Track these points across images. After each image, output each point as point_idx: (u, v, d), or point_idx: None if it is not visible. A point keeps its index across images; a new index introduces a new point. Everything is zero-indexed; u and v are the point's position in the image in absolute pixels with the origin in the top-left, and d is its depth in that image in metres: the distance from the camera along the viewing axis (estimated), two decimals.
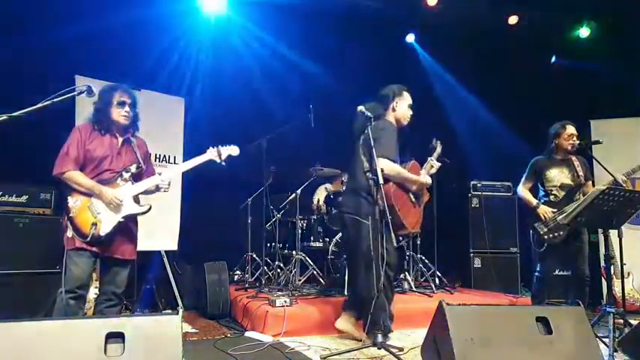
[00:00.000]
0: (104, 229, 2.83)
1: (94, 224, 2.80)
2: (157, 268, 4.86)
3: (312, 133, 5.11)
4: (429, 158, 3.67)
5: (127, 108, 2.98)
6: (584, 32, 6.51)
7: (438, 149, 3.74)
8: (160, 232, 4.72)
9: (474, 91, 6.74)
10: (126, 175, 2.96)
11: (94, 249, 2.84)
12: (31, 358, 1.91)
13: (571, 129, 4.10)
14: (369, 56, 6.30)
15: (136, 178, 3.03)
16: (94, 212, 2.84)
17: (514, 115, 6.47)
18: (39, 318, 3.37)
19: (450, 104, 6.78)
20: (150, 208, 2.99)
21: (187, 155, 4.94)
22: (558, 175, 4.10)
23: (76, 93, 2.65)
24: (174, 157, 5.02)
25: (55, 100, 2.48)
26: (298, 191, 5.21)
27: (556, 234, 3.94)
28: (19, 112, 2.31)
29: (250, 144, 5.02)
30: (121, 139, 3.03)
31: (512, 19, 6.48)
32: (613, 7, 5.95)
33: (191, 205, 5.18)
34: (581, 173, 4.08)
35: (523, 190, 4.24)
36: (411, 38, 6.72)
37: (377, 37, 6.30)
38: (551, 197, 4.10)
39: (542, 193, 4.17)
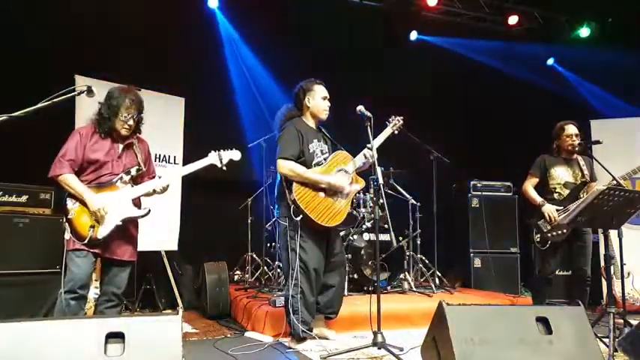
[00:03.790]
0: (102, 232, 2.82)
1: (92, 227, 2.80)
2: (157, 268, 4.86)
3: None
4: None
5: (130, 122, 2.94)
6: (584, 32, 6.52)
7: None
8: (160, 232, 4.71)
9: (473, 91, 6.74)
10: (126, 178, 2.94)
11: (93, 250, 2.84)
12: (31, 358, 1.91)
13: (571, 129, 4.10)
14: (372, 54, 6.30)
15: (137, 180, 3.02)
16: (93, 215, 2.83)
17: (514, 115, 6.48)
18: (39, 318, 3.37)
19: (449, 103, 6.78)
20: (149, 212, 2.97)
21: (187, 155, 4.95)
22: (563, 174, 4.10)
23: (76, 93, 2.65)
24: (174, 157, 5.01)
25: (55, 100, 2.48)
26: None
27: (559, 232, 3.92)
28: (19, 112, 2.31)
29: (250, 144, 5.03)
30: (122, 145, 3.01)
31: (512, 19, 6.48)
32: (613, 7, 5.96)
33: (191, 205, 5.18)
34: (586, 172, 4.06)
35: (528, 187, 4.19)
36: (412, 36, 6.73)
37: (379, 35, 6.31)
38: (555, 195, 4.09)
39: (545, 190, 4.14)
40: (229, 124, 5.76)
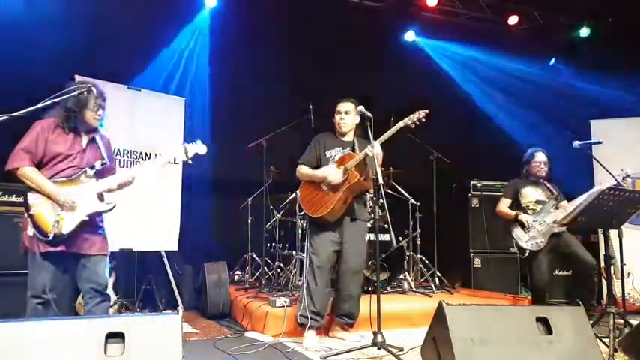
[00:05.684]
0: (67, 227, 2.71)
1: (57, 222, 2.69)
2: (157, 268, 4.86)
3: (312, 132, 5.11)
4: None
5: (100, 111, 2.90)
6: (584, 32, 6.51)
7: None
8: (160, 232, 4.71)
9: (472, 90, 6.74)
10: (90, 172, 2.85)
11: (58, 248, 2.72)
12: (31, 358, 1.91)
13: (540, 157, 4.35)
14: (372, 54, 6.30)
15: (100, 174, 2.92)
16: (56, 209, 2.73)
17: (514, 115, 6.48)
18: (39, 318, 3.36)
19: (449, 103, 6.77)
20: (114, 207, 2.88)
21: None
22: (533, 193, 4.34)
23: (76, 93, 2.65)
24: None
25: (55, 100, 2.48)
26: (298, 191, 5.21)
27: (535, 242, 4.10)
28: (19, 112, 2.31)
29: (250, 144, 5.02)
30: (86, 139, 2.92)
31: (512, 19, 6.48)
32: (613, 7, 5.96)
33: (191, 205, 5.18)
34: (554, 192, 4.27)
35: (502, 207, 4.45)
36: (410, 36, 6.72)
37: (377, 35, 6.31)
38: (529, 212, 4.28)
39: (519, 209, 4.33)
40: (229, 123, 5.76)
